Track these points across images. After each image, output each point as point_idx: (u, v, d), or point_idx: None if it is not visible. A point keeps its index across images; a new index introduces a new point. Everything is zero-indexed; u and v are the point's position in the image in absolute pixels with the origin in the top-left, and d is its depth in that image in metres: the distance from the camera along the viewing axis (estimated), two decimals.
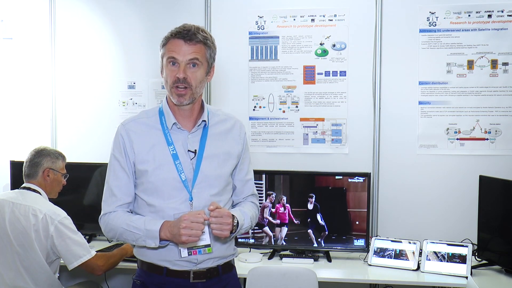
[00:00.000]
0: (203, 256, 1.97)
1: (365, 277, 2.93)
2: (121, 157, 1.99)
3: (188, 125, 2.02)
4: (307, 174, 3.21)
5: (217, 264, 2.03)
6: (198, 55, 1.94)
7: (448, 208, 3.34)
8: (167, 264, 1.98)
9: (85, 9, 3.68)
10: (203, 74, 1.98)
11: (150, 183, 1.97)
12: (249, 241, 3.21)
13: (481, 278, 2.80)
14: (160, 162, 1.97)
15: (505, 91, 3.29)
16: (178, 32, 1.95)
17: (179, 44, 1.94)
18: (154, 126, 2.01)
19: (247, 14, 3.50)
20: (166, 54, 1.97)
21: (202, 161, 1.99)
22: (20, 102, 3.76)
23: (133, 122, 2.03)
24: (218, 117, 2.09)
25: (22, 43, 3.75)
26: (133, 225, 1.93)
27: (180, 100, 1.94)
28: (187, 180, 1.96)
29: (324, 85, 3.44)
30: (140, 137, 1.99)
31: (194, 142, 2.01)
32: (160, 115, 2.03)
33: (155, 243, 1.91)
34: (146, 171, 1.96)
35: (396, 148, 3.38)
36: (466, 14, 3.30)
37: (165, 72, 1.97)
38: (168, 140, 1.99)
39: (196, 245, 1.93)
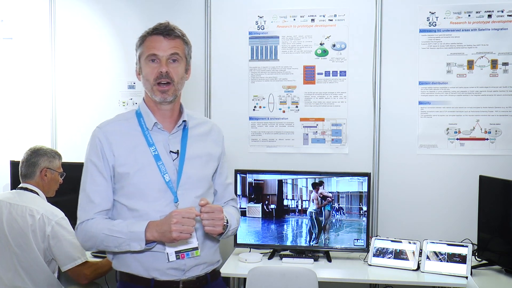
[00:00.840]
0: (191, 262, 1.90)
1: (365, 277, 2.93)
2: (99, 161, 1.91)
3: (168, 126, 1.98)
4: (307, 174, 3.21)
5: (205, 272, 1.97)
6: (178, 50, 1.93)
7: (448, 208, 3.34)
8: (155, 273, 1.89)
9: (85, 9, 3.68)
10: (183, 70, 1.97)
11: (132, 185, 1.90)
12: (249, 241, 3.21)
13: (481, 278, 2.80)
14: (142, 164, 1.90)
15: (505, 91, 3.29)
16: (155, 28, 1.93)
17: (159, 40, 1.91)
18: (133, 128, 1.96)
19: (247, 14, 3.50)
20: (145, 52, 1.93)
21: (184, 162, 1.94)
22: (20, 102, 3.76)
23: (111, 124, 1.97)
24: (196, 120, 2.07)
25: (22, 43, 3.75)
26: (116, 229, 1.84)
27: (163, 96, 1.91)
28: (171, 181, 1.91)
29: (324, 85, 3.44)
30: (119, 139, 1.93)
31: (175, 143, 1.97)
32: (138, 117, 1.98)
33: (140, 246, 1.83)
34: (128, 173, 1.89)
35: (396, 148, 3.38)
36: (466, 14, 3.30)
37: (145, 71, 1.92)
38: (148, 141, 1.93)
39: (184, 248, 1.87)
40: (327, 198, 3.14)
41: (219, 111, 3.55)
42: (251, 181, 3.22)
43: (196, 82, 3.56)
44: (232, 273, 2.96)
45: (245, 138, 3.54)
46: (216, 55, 3.55)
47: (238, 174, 3.22)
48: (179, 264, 1.89)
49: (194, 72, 3.53)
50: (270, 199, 3.21)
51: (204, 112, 3.55)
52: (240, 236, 3.21)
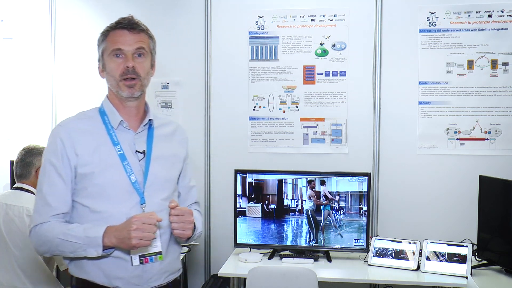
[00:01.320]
0: (154, 269, 1.83)
1: (365, 277, 2.93)
2: (58, 162, 1.79)
3: (133, 124, 1.89)
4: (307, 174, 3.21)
5: (167, 281, 1.89)
6: (143, 44, 1.87)
7: (448, 208, 3.34)
8: (117, 282, 1.78)
9: (85, 9, 3.68)
10: (149, 65, 1.90)
11: (96, 186, 1.79)
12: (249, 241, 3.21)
13: (481, 278, 2.80)
14: (107, 164, 1.80)
15: (505, 91, 3.29)
16: (119, 22, 1.85)
17: (123, 34, 1.84)
18: (97, 126, 1.86)
19: (247, 14, 3.50)
20: (109, 47, 1.83)
21: (151, 162, 1.86)
22: (20, 102, 3.76)
23: (73, 122, 1.87)
24: (160, 120, 1.99)
25: (22, 43, 3.75)
26: (71, 234, 1.73)
27: (131, 91, 1.82)
28: (137, 182, 1.82)
29: (324, 85, 3.44)
30: (82, 137, 1.82)
31: (141, 143, 1.88)
32: (102, 115, 1.88)
33: (97, 252, 1.72)
34: (92, 173, 1.79)
35: (396, 148, 3.38)
36: (466, 14, 3.30)
37: (110, 67, 1.83)
38: (113, 140, 1.84)
39: (147, 252, 1.79)
40: (328, 198, 3.14)
41: (219, 111, 3.56)
42: (251, 181, 3.22)
43: (196, 82, 3.56)
44: (232, 273, 2.96)
45: (245, 138, 3.53)
46: (216, 55, 3.54)
47: (238, 174, 3.22)
48: (142, 272, 1.81)
49: (194, 72, 3.57)
50: (270, 199, 3.21)
51: (204, 112, 3.55)
52: (240, 236, 3.21)
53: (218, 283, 3.32)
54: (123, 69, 1.81)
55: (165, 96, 3.60)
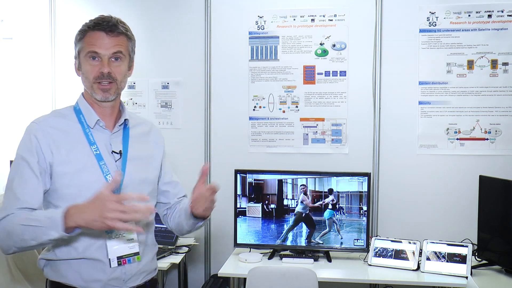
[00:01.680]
0: (132, 270, 1.80)
1: (365, 277, 2.93)
2: (32, 158, 1.73)
3: (109, 124, 1.85)
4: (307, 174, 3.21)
5: (145, 281, 1.88)
6: (121, 47, 1.80)
7: (448, 208, 3.34)
8: (95, 285, 1.75)
9: (85, 9, 3.68)
10: (125, 68, 1.83)
11: (71, 187, 1.73)
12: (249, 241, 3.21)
13: (481, 278, 2.80)
14: (83, 164, 1.75)
15: (505, 91, 3.29)
16: (97, 23, 1.78)
17: (100, 36, 1.76)
18: (73, 125, 1.81)
19: (247, 14, 3.50)
20: (85, 48, 1.77)
21: (127, 163, 1.83)
22: (20, 102, 3.76)
23: (49, 119, 1.81)
24: (135, 120, 1.95)
25: (22, 43, 3.75)
26: (33, 217, 1.63)
27: (105, 95, 1.77)
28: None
29: (324, 85, 3.44)
30: (58, 136, 1.77)
31: (117, 143, 1.84)
32: (78, 114, 1.83)
33: (58, 233, 1.58)
34: (67, 173, 1.73)
35: (396, 148, 3.38)
36: (466, 14, 3.30)
37: (85, 68, 1.78)
38: (89, 139, 1.79)
39: (126, 253, 1.77)
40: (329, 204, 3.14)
41: (219, 111, 3.56)
42: (251, 181, 3.22)
43: (196, 82, 3.57)
44: (232, 273, 2.96)
45: (245, 138, 3.53)
46: (216, 55, 3.55)
47: (238, 174, 3.22)
48: (120, 274, 1.78)
49: (194, 72, 3.57)
50: (270, 199, 3.21)
51: (204, 112, 3.55)
52: (240, 236, 3.21)
53: (218, 283, 3.32)
54: (97, 73, 1.76)
55: (165, 96, 3.60)
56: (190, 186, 1.87)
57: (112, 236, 1.76)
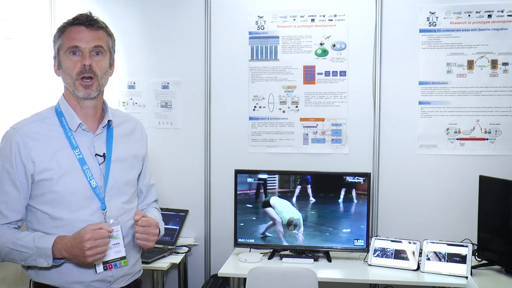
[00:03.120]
0: (117, 273, 1.81)
1: (365, 277, 2.93)
2: (11, 168, 1.73)
3: (92, 126, 1.83)
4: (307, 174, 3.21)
5: (129, 282, 1.88)
6: (101, 42, 1.79)
7: (448, 208, 3.34)
8: (78, 286, 1.76)
9: (85, 9, 3.66)
10: (107, 65, 1.83)
11: (55, 193, 1.73)
12: (249, 241, 3.21)
13: (481, 278, 2.80)
14: (66, 169, 1.74)
15: (505, 91, 3.29)
16: (76, 18, 1.77)
17: (80, 30, 1.76)
18: (54, 129, 1.79)
19: (247, 14, 3.50)
20: (65, 44, 1.76)
21: (111, 165, 1.81)
22: (20, 102, 3.75)
23: (29, 125, 1.79)
24: (119, 118, 1.93)
25: (22, 43, 3.74)
26: (21, 243, 1.69)
27: (87, 92, 1.76)
28: (98, 187, 1.77)
29: (324, 85, 3.44)
30: (39, 142, 1.75)
31: (101, 145, 1.82)
32: (59, 116, 1.81)
33: (47, 262, 1.68)
34: (51, 179, 1.73)
35: (396, 148, 3.38)
36: (466, 14, 3.30)
37: (66, 64, 1.77)
38: (72, 143, 1.77)
39: (112, 258, 1.76)
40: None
41: (219, 111, 3.56)
42: (251, 181, 3.22)
43: (196, 82, 3.56)
44: (232, 273, 2.96)
45: (245, 138, 3.53)
46: (216, 55, 3.54)
47: (238, 174, 3.22)
48: (105, 276, 1.78)
49: (194, 72, 3.57)
50: None
51: (204, 112, 3.55)
52: (240, 236, 3.21)
53: (218, 283, 3.32)
54: (80, 68, 1.75)
55: (165, 96, 3.60)
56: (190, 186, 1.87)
57: None
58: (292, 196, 3.17)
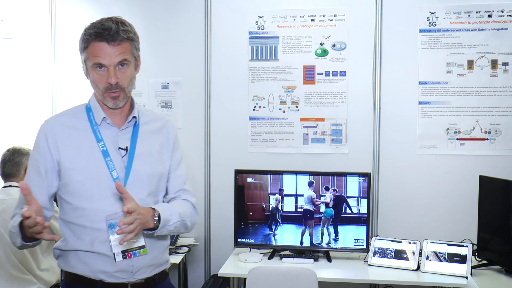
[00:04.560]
0: (139, 263, 1.83)
1: (365, 277, 2.93)
2: (38, 156, 1.83)
3: (118, 122, 1.89)
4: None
5: (154, 273, 1.90)
6: (125, 55, 1.81)
7: (448, 208, 3.34)
8: (102, 276, 1.81)
9: (85, 9, 3.68)
10: (132, 71, 1.87)
11: (78, 182, 1.81)
12: (249, 241, 3.21)
13: (481, 278, 2.80)
14: (89, 160, 1.82)
15: (505, 91, 3.29)
16: (98, 33, 1.77)
17: (103, 47, 1.78)
18: (81, 122, 1.88)
19: (247, 14, 3.50)
20: (90, 59, 1.80)
21: (134, 159, 1.86)
22: (20, 102, 3.76)
23: (58, 118, 1.91)
24: (148, 117, 1.99)
25: (22, 43, 3.75)
26: (12, 224, 1.79)
27: (115, 103, 1.84)
28: (119, 178, 1.82)
29: (324, 85, 3.44)
30: (66, 133, 1.85)
31: (125, 140, 1.88)
32: (88, 111, 1.90)
33: (19, 241, 1.75)
34: (74, 169, 1.81)
35: (396, 148, 3.38)
36: (466, 14, 3.30)
37: (93, 77, 1.83)
38: (97, 136, 1.85)
39: (131, 246, 1.80)
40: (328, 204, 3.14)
41: (219, 111, 3.56)
42: (251, 181, 3.22)
43: (196, 82, 3.57)
44: (232, 273, 2.96)
45: (245, 138, 3.54)
46: (216, 55, 3.55)
47: (238, 174, 3.22)
48: (127, 266, 1.82)
49: (194, 72, 3.57)
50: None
51: (204, 112, 3.55)
52: (240, 236, 3.21)
53: (218, 283, 3.32)
54: (106, 84, 1.80)
55: (165, 96, 3.60)
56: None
57: (115, 231, 1.75)
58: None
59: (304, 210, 3.16)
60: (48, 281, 2.81)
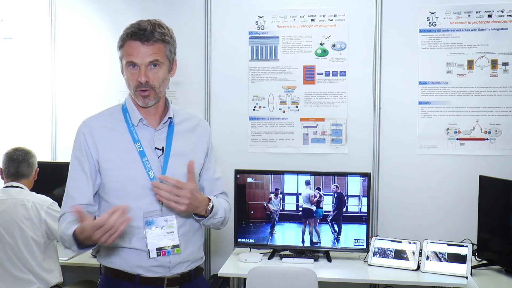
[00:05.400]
0: (175, 259, 1.88)
1: (365, 277, 2.93)
2: (82, 156, 1.88)
3: (153, 122, 1.93)
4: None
5: (189, 269, 1.95)
6: (157, 56, 1.84)
7: (448, 208, 3.34)
8: (140, 270, 1.87)
9: (85, 9, 3.68)
10: (165, 73, 1.89)
11: (116, 182, 1.86)
12: (249, 241, 3.21)
13: (481, 278, 2.80)
14: (126, 160, 1.87)
15: (505, 91, 3.29)
16: (134, 33, 1.82)
17: (136, 46, 1.82)
18: (118, 124, 1.91)
19: (247, 14, 3.50)
20: (124, 57, 1.86)
21: (169, 158, 1.90)
22: (20, 102, 3.76)
23: (96, 119, 1.94)
24: (182, 116, 2.01)
25: (22, 43, 3.75)
26: (64, 232, 1.81)
27: (145, 101, 1.86)
28: (155, 178, 1.85)
29: (324, 85, 3.44)
30: (104, 134, 1.89)
31: (161, 140, 1.92)
32: (124, 112, 1.93)
33: (74, 249, 1.80)
34: (112, 169, 1.86)
35: (396, 148, 3.38)
36: (466, 14, 3.30)
37: (126, 75, 1.87)
38: (134, 137, 1.89)
39: (165, 245, 1.85)
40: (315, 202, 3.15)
41: (219, 111, 3.56)
42: (251, 181, 3.22)
43: (196, 82, 3.57)
44: (232, 273, 2.96)
45: (245, 138, 3.54)
46: (216, 55, 3.55)
47: (238, 174, 3.22)
48: (163, 262, 1.87)
49: (194, 72, 3.57)
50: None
51: (204, 112, 3.55)
52: (240, 236, 3.21)
53: (218, 283, 3.33)
54: (136, 82, 1.84)
55: None
56: None
57: (152, 228, 1.85)
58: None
59: (304, 209, 3.16)
60: (48, 281, 2.80)
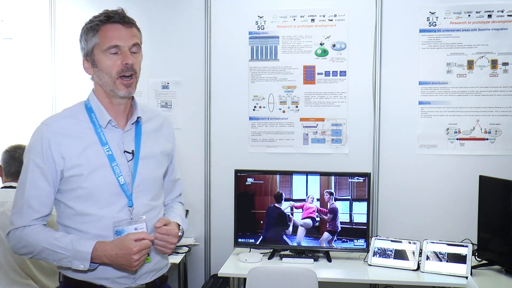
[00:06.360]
0: (142, 269, 1.82)
1: (365, 277, 2.93)
2: (43, 164, 1.73)
3: (121, 122, 1.83)
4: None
5: (155, 278, 1.89)
6: (137, 39, 1.79)
7: (448, 208, 3.34)
8: (104, 282, 1.78)
9: (85, 9, 3.68)
10: (141, 59, 1.82)
11: (84, 189, 1.74)
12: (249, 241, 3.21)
13: (481, 278, 2.80)
14: (95, 165, 1.75)
15: (505, 91, 3.29)
16: (110, 17, 1.75)
17: (118, 28, 1.74)
18: (83, 125, 1.79)
19: (247, 14, 3.50)
20: (103, 43, 1.73)
21: (139, 162, 1.82)
22: (20, 102, 3.76)
23: (58, 121, 1.80)
24: (148, 114, 1.92)
25: (22, 43, 3.75)
26: (58, 244, 1.70)
27: (128, 90, 1.76)
28: (125, 184, 1.77)
29: (324, 85, 3.44)
30: (69, 138, 1.76)
31: (129, 142, 1.82)
32: (89, 112, 1.81)
33: (83, 266, 1.71)
34: (81, 175, 1.74)
35: (396, 148, 3.38)
36: (466, 14, 3.30)
37: (105, 64, 1.75)
38: (102, 139, 1.77)
39: None
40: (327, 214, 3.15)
41: (219, 111, 3.56)
42: (251, 181, 3.22)
43: (196, 82, 3.56)
44: (232, 273, 2.96)
45: (245, 138, 3.54)
46: (216, 55, 3.54)
47: (238, 174, 3.22)
48: (130, 273, 1.80)
49: (194, 72, 3.57)
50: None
51: (204, 112, 3.55)
52: (240, 236, 3.21)
53: (218, 283, 3.32)
54: (121, 67, 1.74)
55: (165, 96, 3.60)
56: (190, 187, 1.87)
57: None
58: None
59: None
60: (48, 286, 2.79)
